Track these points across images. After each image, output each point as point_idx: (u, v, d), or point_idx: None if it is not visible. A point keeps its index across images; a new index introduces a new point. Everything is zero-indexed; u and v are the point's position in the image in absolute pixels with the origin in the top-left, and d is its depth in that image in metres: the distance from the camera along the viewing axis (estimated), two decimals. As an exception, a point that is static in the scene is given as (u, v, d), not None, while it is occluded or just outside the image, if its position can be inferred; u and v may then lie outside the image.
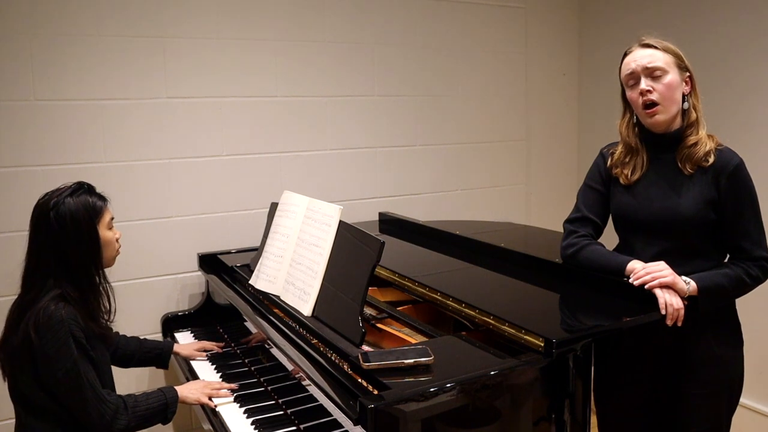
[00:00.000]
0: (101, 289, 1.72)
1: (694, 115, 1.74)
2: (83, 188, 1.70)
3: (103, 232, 1.70)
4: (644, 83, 1.71)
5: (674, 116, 1.74)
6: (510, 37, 3.43)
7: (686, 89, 1.75)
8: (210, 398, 1.86)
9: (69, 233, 1.62)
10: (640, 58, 1.73)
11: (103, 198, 1.72)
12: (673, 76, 1.71)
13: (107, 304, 1.74)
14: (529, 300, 1.92)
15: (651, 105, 1.71)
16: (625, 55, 1.78)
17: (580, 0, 3.66)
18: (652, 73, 1.71)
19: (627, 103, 1.83)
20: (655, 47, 1.73)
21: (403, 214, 2.98)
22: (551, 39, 3.60)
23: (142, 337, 2.19)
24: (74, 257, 1.63)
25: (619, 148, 1.85)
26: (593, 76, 3.63)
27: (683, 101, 1.74)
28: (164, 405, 1.73)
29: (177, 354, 2.21)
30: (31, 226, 1.67)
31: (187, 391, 1.83)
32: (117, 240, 1.76)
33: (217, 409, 1.83)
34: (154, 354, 2.14)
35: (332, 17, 2.90)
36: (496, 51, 3.39)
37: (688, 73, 1.75)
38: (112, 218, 1.75)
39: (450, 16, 3.22)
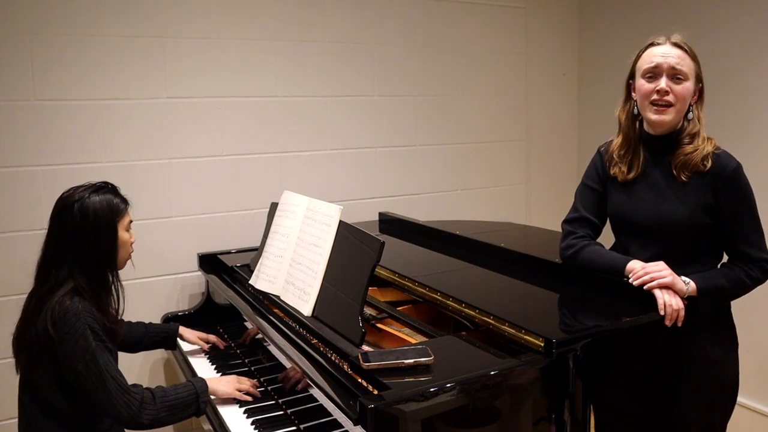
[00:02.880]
0: (112, 288, 1.75)
1: (697, 127, 1.73)
2: (108, 187, 1.74)
3: (121, 233, 1.73)
4: (664, 82, 1.69)
5: (678, 122, 1.74)
6: (510, 37, 3.43)
7: (693, 99, 1.74)
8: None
9: (89, 227, 1.65)
10: (669, 55, 1.70)
11: (125, 200, 1.77)
12: (690, 83, 1.71)
13: (116, 304, 1.76)
14: (529, 300, 1.92)
15: (664, 105, 1.70)
16: (651, 45, 1.75)
17: (580, 0, 3.66)
18: (676, 74, 1.70)
19: (629, 92, 1.81)
20: (686, 51, 1.72)
21: (403, 214, 2.98)
22: (551, 39, 3.60)
23: (147, 322, 2.20)
24: (91, 251, 1.66)
25: (618, 140, 1.84)
26: (593, 76, 3.62)
27: (688, 110, 1.74)
28: (194, 394, 1.69)
29: (181, 336, 2.23)
30: (52, 218, 1.70)
31: (218, 383, 1.80)
32: (131, 244, 1.79)
33: (217, 408, 1.83)
34: (161, 337, 2.17)
35: (332, 17, 2.90)
36: (496, 51, 3.39)
37: (700, 84, 1.75)
38: (131, 221, 1.79)
39: (450, 16, 3.22)
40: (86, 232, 1.65)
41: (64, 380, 1.61)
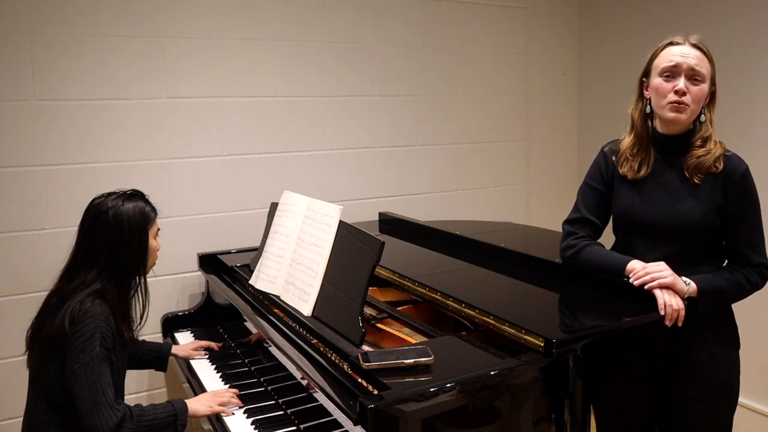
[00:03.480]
0: (139, 293, 1.79)
1: (709, 131, 1.74)
2: (138, 195, 1.79)
3: (151, 240, 1.78)
4: (683, 83, 1.69)
5: (691, 122, 1.74)
6: (510, 37, 3.43)
7: (705, 101, 1.75)
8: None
9: (123, 233, 1.71)
10: (689, 56, 1.70)
11: (155, 209, 1.81)
12: (706, 86, 1.72)
13: (141, 310, 1.81)
14: (529, 300, 1.92)
15: (681, 105, 1.70)
16: (670, 44, 1.75)
17: (580, 0, 3.66)
18: (694, 76, 1.70)
19: (642, 90, 1.81)
20: (704, 53, 1.72)
21: (403, 214, 2.98)
22: (551, 39, 3.60)
23: (140, 339, 2.19)
24: (123, 256, 1.71)
25: (629, 139, 1.82)
26: (593, 76, 3.62)
27: (700, 113, 1.74)
28: (173, 416, 1.69)
29: (175, 356, 2.21)
30: (85, 223, 1.74)
31: (197, 403, 1.79)
32: (157, 251, 1.84)
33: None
34: (152, 356, 2.15)
35: (332, 17, 2.90)
36: (496, 51, 3.39)
37: (713, 87, 1.75)
38: (159, 229, 1.84)
39: (450, 16, 3.22)
40: (120, 238, 1.70)
41: None
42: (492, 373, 1.42)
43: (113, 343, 1.65)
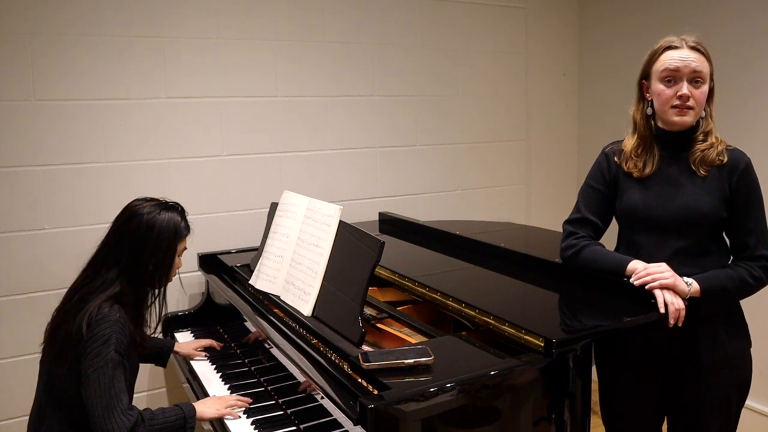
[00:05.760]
0: (156, 302, 1.79)
1: (710, 126, 1.75)
2: (177, 209, 1.79)
3: (175, 256, 1.77)
4: (686, 87, 1.69)
5: (694, 121, 1.75)
6: (510, 37, 3.43)
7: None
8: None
9: (151, 241, 1.70)
10: (689, 59, 1.70)
11: (189, 227, 1.80)
12: (707, 86, 1.73)
13: (156, 319, 1.80)
14: (529, 300, 1.92)
15: (686, 108, 1.70)
16: (668, 48, 1.74)
17: (580, 0, 3.66)
18: (695, 78, 1.70)
19: (642, 92, 1.81)
20: (703, 54, 1.73)
21: (403, 214, 2.98)
22: (551, 39, 3.60)
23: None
24: (146, 261, 1.70)
25: (633, 140, 1.82)
26: (593, 76, 3.62)
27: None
28: (182, 419, 1.70)
29: (177, 353, 2.21)
30: (118, 221, 1.74)
31: (204, 406, 1.80)
32: (178, 269, 1.82)
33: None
34: (154, 352, 2.15)
35: (332, 17, 2.90)
36: (496, 51, 3.39)
37: (712, 83, 1.76)
38: (185, 249, 1.82)
39: (450, 16, 3.22)
40: (146, 245, 1.70)
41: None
42: (492, 373, 1.42)
43: (127, 349, 1.65)
